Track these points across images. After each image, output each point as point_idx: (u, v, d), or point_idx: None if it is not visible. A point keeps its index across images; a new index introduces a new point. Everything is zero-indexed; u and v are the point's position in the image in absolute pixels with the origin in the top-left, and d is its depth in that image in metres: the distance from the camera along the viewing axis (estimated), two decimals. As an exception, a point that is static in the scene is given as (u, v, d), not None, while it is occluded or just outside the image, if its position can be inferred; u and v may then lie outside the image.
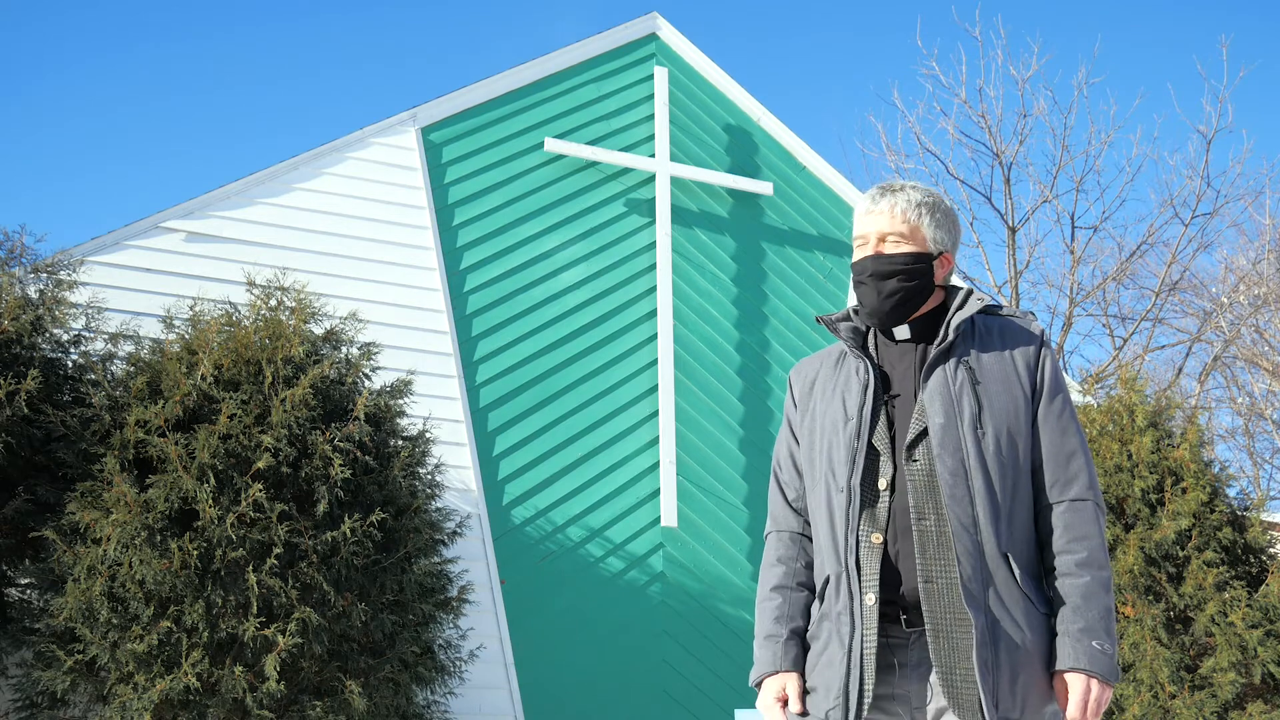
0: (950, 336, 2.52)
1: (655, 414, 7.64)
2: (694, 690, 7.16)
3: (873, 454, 2.49)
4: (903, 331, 2.60)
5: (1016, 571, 2.39)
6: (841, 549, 2.46)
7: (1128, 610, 6.13)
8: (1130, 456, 6.50)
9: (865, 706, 2.36)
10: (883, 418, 2.50)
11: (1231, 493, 6.66)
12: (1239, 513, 6.57)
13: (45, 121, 28.17)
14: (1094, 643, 2.35)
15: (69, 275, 5.66)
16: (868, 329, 2.66)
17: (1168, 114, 33.14)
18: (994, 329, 2.59)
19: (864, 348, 2.62)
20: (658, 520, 7.40)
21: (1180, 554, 6.22)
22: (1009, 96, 36.75)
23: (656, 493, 7.47)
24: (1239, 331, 19.25)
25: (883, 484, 2.46)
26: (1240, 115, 26.98)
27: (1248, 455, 19.74)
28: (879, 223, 2.58)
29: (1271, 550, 6.51)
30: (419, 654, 5.38)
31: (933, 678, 2.38)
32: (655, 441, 7.58)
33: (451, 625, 5.73)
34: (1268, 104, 27.26)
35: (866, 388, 2.53)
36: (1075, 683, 2.34)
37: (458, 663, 5.69)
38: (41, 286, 5.56)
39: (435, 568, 5.55)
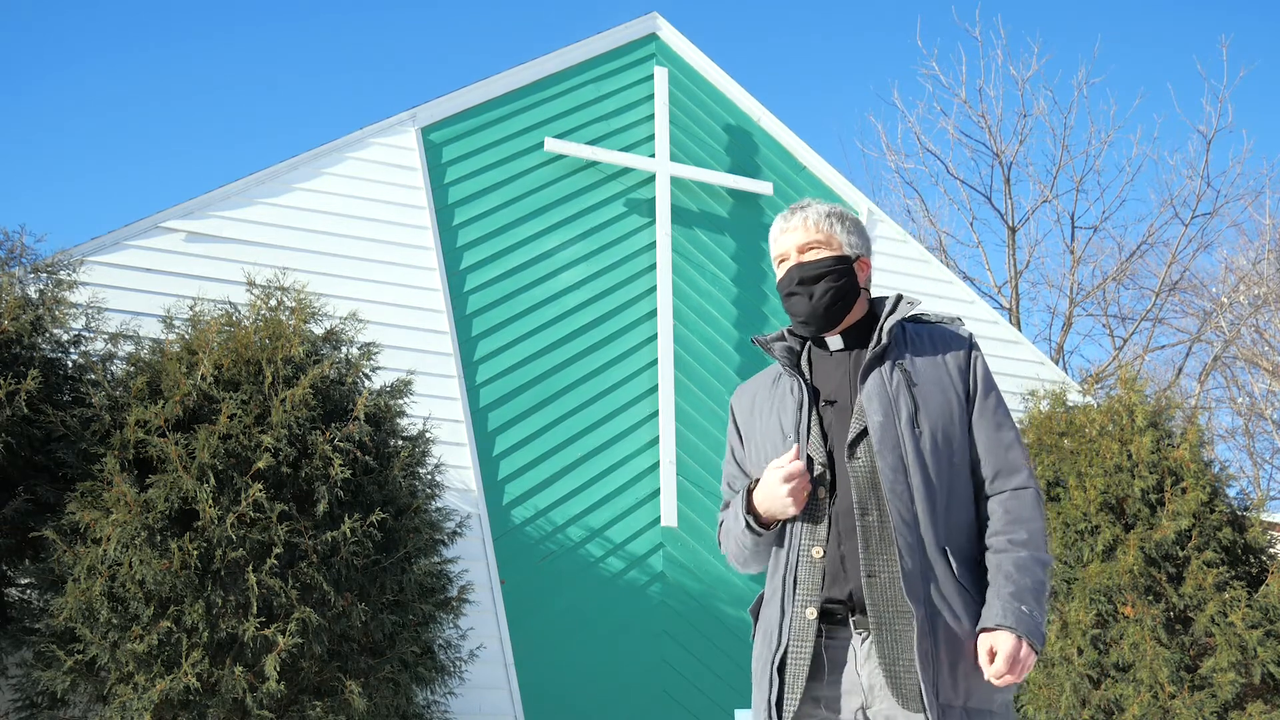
0: (884, 340, 2.62)
1: (655, 414, 7.64)
2: (694, 690, 7.16)
3: (809, 465, 2.58)
4: (836, 341, 2.70)
5: (954, 565, 2.47)
6: (781, 564, 2.57)
7: (1128, 610, 6.12)
8: (1130, 456, 6.49)
9: (788, 715, 2.46)
10: (816, 428, 2.60)
11: (1231, 493, 6.66)
12: (1239, 513, 6.57)
13: (45, 121, 28.18)
14: (1022, 606, 2.41)
15: (69, 275, 5.66)
16: (802, 346, 2.76)
17: (1168, 114, 33.19)
18: (924, 335, 2.70)
19: (798, 366, 2.72)
20: (658, 520, 7.40)
21: (1180, 554, 6.22)
22: (1009, 96, 36.76)
23: (656, 493, 7.47)
24: (1239, 331, 19.25)
25: (821, 492, 2.55)
26: (1240, 115, 27.03)
27: (1248, 455, 19.76)
28: (795, 237, 2.72)
29: (1271, 550, 6.51)
30: (419, 654, 5.37)
31: (876, 677, 2.43)
32: (655, 441, 7.58)
33: (451, 625, 5.73)
34: (1268, 104, 27.29)
35: (801, 405, 2.63)
36: (1003, 639, 2.39)
37: (458, 663, 5.69)
38: (41, 286, 5.55)
39: (435, 568, 5.55)
